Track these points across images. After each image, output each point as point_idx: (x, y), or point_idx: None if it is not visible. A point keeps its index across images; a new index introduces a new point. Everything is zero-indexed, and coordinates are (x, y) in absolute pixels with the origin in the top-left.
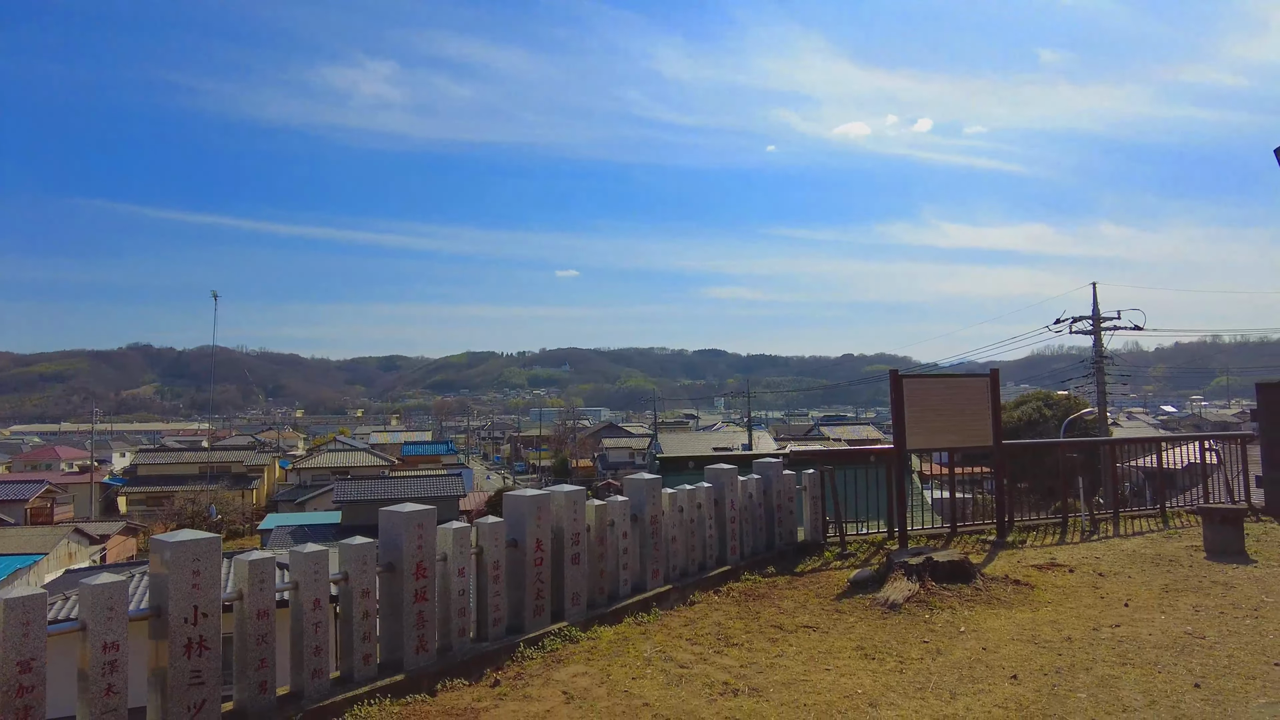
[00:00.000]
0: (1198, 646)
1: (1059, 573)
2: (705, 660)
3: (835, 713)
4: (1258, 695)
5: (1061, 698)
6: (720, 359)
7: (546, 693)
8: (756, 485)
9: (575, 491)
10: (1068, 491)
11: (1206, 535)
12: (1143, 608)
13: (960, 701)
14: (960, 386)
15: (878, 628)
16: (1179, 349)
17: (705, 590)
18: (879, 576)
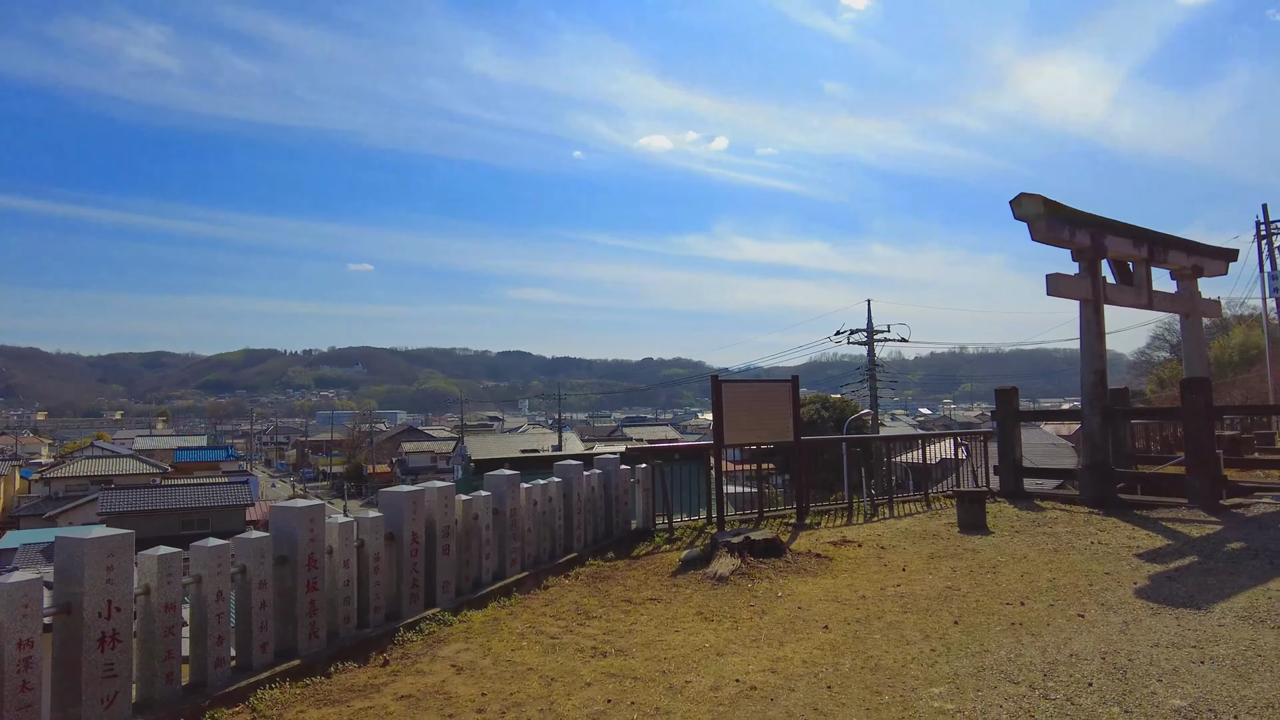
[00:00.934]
0: (955, 596)
1: (850, 547)
2: (571, 631)
3: (691, 662)
4: (997, 626)
5: (862, 638)
6: (525, 361)
7: (436, 667)
8: (598, 479)
9: (446, 487)
10: (853, 481)
11: (959, 514)
12: (916, 571)
13: (787, 647)
14: (767, 390)
15: (711, 597)
16: (934, 358)
17: (557, 575)
18: (706, 555)
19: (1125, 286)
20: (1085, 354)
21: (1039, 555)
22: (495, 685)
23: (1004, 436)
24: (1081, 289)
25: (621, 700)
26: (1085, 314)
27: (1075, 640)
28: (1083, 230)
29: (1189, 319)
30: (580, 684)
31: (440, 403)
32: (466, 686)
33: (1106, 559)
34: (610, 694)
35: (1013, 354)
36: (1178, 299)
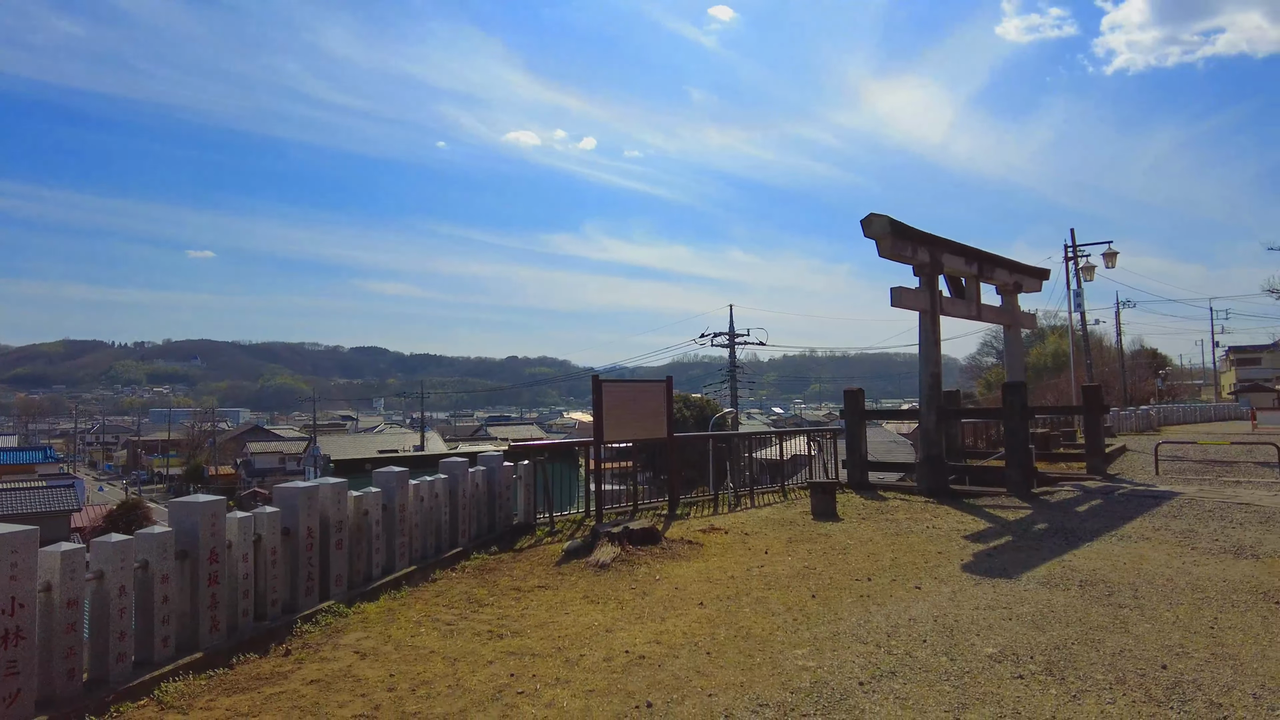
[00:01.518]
0: (812, 574)
1: (718, 534)
2: (466, 618)
3: (583, 639)
4: (848, 598)
5: (734, 612)
6: (381, 357)
7: (339, 654)
8: (482, 476)
9: (339, 483)
10: (718, 474)
11: (813, 503)
12: (777, 554)
13: (669, 622)
14: (644, 389)
15: (595, 582)
16: (787, 360)
17: (444, 568)
18: (588, 545)
19: (958, 299)
20: (923, 359)
21: (883, 538)
22: (401, 667)
23: (851, 433)
24: (921, 301)
25: (523, 674)
26: (924, 324)
27: (913, 608)
28: (923, 248)
29: (1010, 330)
30: (482, 662)
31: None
32: (373, 669)
33: (939, 540)
34: (512, 669)
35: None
36: (1001, 312)
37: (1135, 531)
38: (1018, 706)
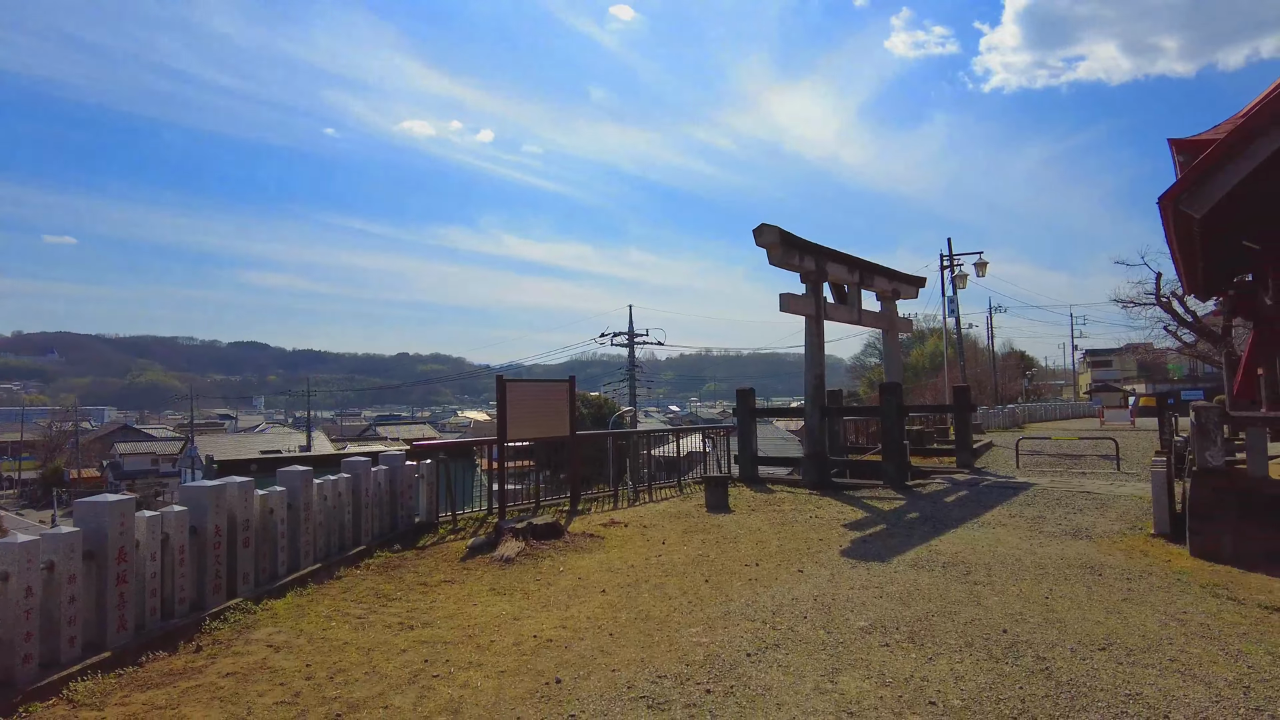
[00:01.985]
0: (705, 562)
1: (618, 528)
2: (376, 612)
3: (492, 627)
4: (738, 582)
5: (634, 597)
6: (261, 353)
7: (252, 648)
8: (385, 475)
9: (246, 483)
10: (618, 470)
11: (707, 496)
12: (674, 544)
13: (573, 609)
14: (546, 388)
15: (501, 575)
16: (683, 359)
17: (348, 566)
18: (492, 541)
19: (841, 305)
20: (808, 361)
21: (770, 528)
22: (316, 658)
23: (743, 431)
24: (807, 307)
25: (436, 660)
26: (809, 328)
27: (796, 589)
28: (810, 257)
29: (888, 334)
30: (396, 651)
31: (160, 398)
32: (289, 661)
33: (821, 529)
34: (425, 656)
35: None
36: (880, 316)
37: (994, 519)
38: (883, 669)
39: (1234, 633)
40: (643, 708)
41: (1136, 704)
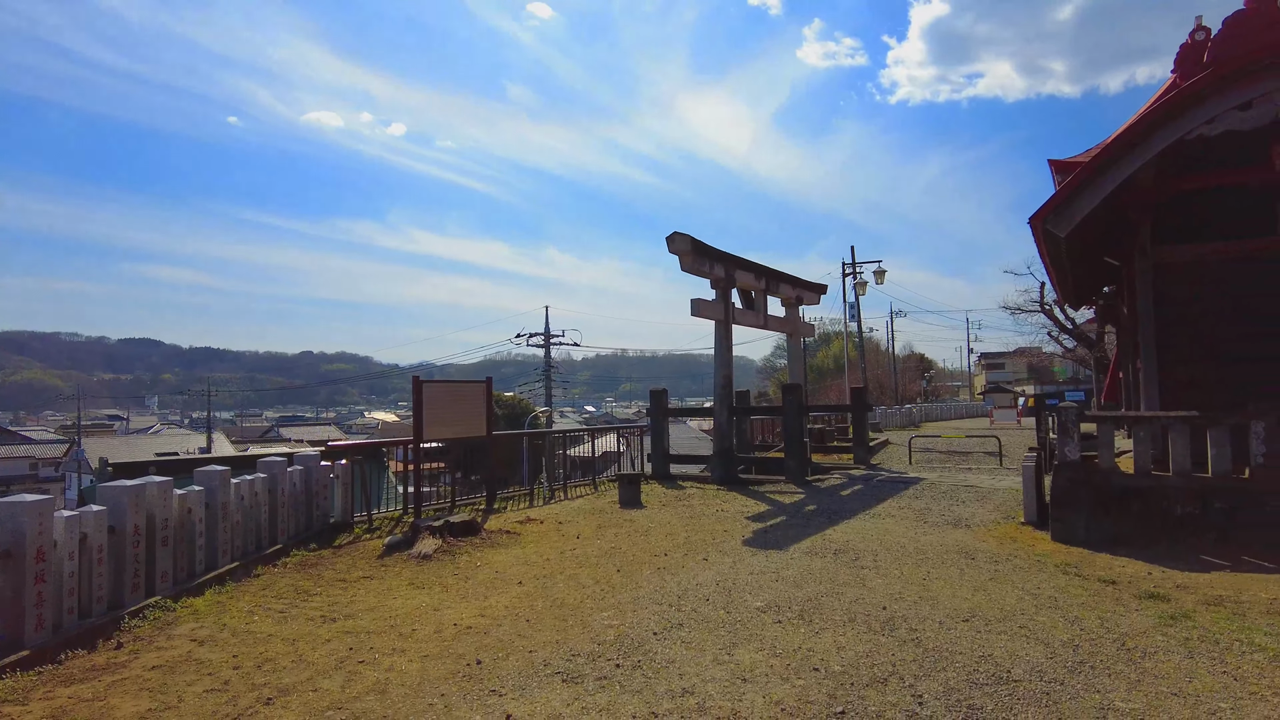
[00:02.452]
0: (617, 553)
1: (534, 524)
2: (297, 606)
3: (413, 617)
4: (648, 571)
5: (549, 588)
6: (154, 350)
7: (175, 643)
8: (300, 475)
9: (165, 482)
10: (534, 470)
11: (620, 493)
12: (588, 537)
13: (491, 599)
14: (463, 389)
15: (419, 571)
16: (599, 359)
17: (265, 564)
18: (409, 540)
19: (749, 310)
20: (718, 364)
21: (679, 521)
22: (242, 649)
23: (656, 430)
24: (717, 311)
25: (361, 648)
26: (719, 332)
27: (701, 575)
28: (719, 265)
29: (792, 338)
30: (321, 641)
31: (38, 398)
32: (215, 654)
33: (726, 521)
34: (350, 644)
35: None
36: (785, 321)
37: (885, 510)
38: (775, 642)
39: (1075, 603)
40: (558, 681)
41: (987, 663)
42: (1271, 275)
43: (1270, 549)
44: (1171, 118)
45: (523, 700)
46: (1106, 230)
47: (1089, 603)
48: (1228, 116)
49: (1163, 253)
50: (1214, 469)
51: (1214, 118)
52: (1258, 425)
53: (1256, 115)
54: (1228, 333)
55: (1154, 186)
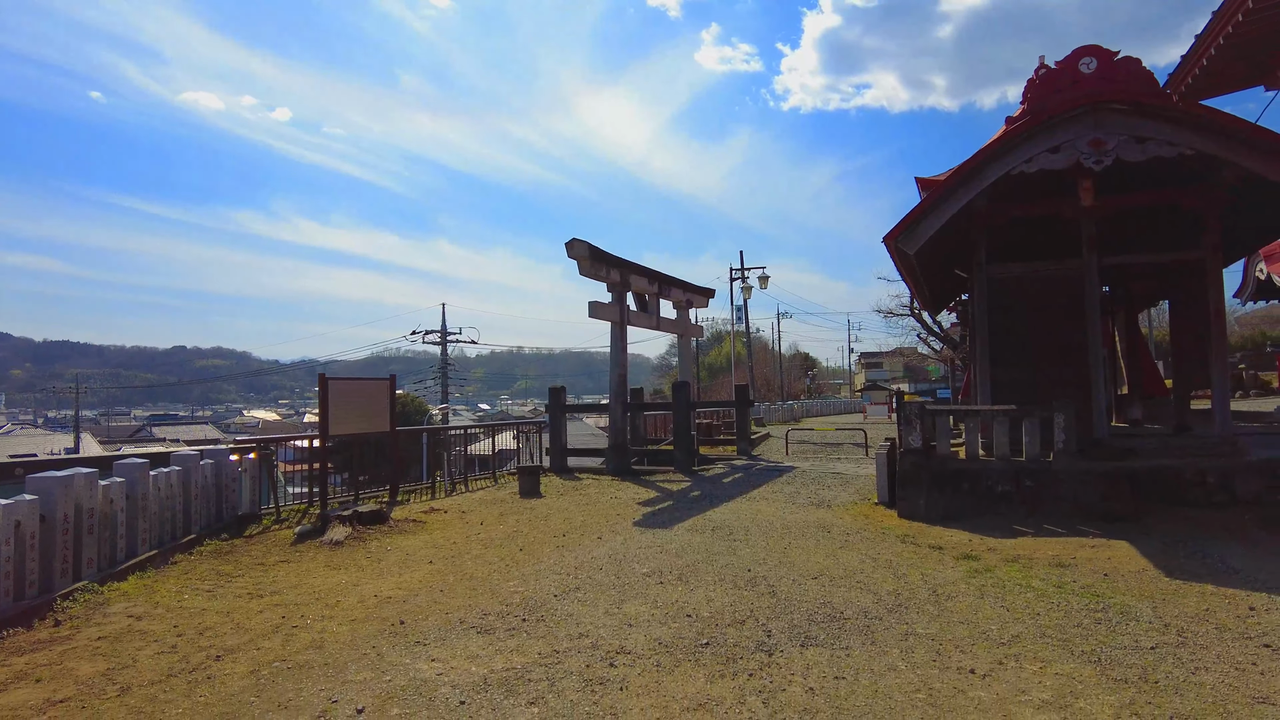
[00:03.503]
0: (519, 536)
1: (439, 514)
2: (223, 586)
3: (336, 592)
4: (548, 548)
5: (459, 564)
6: (3, 344)
7: (113, 620)
8: (211, 468)
9: (92, 473)
10: (434, 464)
11: (520, 484)
12: (491, 524)
13: (406, 576)
14: (367, 386)
15: (333, 555)
16: (494, 356)
17: (182, 552)
18: (319, 528)
19: (643, 313)
20: (613, 362)
21: (576, 508)
22: (181, 621)
23: (554, 426)
24: (612, 314)
25: (292, 615)
26: (614, 333)
27: (596, 550)
28: (615, 270)
29: (682, 338)
30: (254, 612)
31: None
32: (156, 625)
33: (619, 506)
34: (282, 614)
35: (564, 354)
36: (676, 323)
37: (760, 495)
38: (656, 599)
39: (905, 564)
40: (473, 633)
41: (826, 607)
42: (1078, 290)
43: (1064, 518)
44: (998, 156)
45: (444, 647)
46: (955, 247)
47: (916, 563)
48: (1041, 158)
49: (994, 269)
50: (1026, 454)
51: (1031, 158)
52: (1060, 417)
53: (1063, 157)
54: (1043, 340)
55: (987, 212)
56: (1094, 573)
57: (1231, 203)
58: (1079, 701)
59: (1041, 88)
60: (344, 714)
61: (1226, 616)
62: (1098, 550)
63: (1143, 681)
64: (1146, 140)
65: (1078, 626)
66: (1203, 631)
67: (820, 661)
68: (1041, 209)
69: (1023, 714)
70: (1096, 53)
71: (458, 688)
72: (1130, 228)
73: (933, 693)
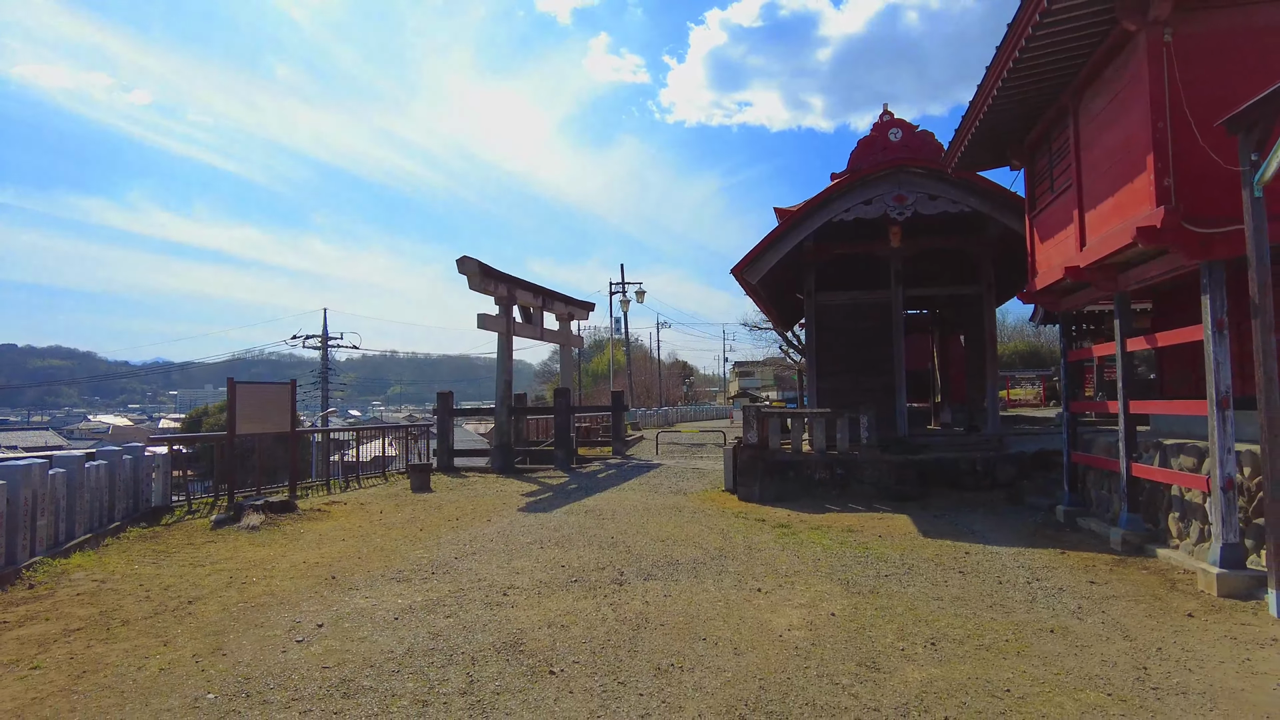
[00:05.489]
0: (418, 521)
1: (340, 505)
2: (165, 559)
3: (269, 561)
4: (444, 529)
5: (368, 541)
6: None
7: (81, 584)
8: (130, 463)
9: (43, 463)
10: (324, 464)
11: (412, 480)
12: (390, 512)
13: (325, 549)
14: (270, 390)
15: (253, 537)
16: (366, 360)
17: (110, 537)
18: (234, 517)
19: (528, 324)
20: (499, 370)
21: (466, 499)
22: (144, 582)
23: (442, 427)
24: (500, 325)
25: (239, 576)
26: (501, 343)
27: (486, 529)
28: (502, 285)
29: (564, 348)
30: (204, 575)
31: None
32: (123, 585)
33: (505, 498)
34: (229, 576)
35: (442, 359)
36: (558, 334)
37: (629, 486)
38: (538, 557)
39: (734, 531)
40: (394, 582)
41: (666, 559)
42: (888, 316)
43: (866, 499)
44: (823, 206)
45: (373, 591)
46: (794, 277)
47: (742, 530)
48: (857, 208)
49: (822, 297)
50: (839, 448)
51: (849, 209)
52: (864, 418)
53: (875, 209)
54: (859, 355)
55: (815, 251)
56: (872, 534)
57: (1002, 249)
58: (824, 603)
59: (859, 152)
60: (309, 626)
61: (947, 559)
62: (883, 520)
63: (870, 593)
64: (937, 198)
65: (843, 566)
66: (925, 567)
67: (656, 589)
68: (859, 249)
69: (785, 609)
70: (902, 125)
71: (390, 611)
72: (931, 266)
73: (729, 602)
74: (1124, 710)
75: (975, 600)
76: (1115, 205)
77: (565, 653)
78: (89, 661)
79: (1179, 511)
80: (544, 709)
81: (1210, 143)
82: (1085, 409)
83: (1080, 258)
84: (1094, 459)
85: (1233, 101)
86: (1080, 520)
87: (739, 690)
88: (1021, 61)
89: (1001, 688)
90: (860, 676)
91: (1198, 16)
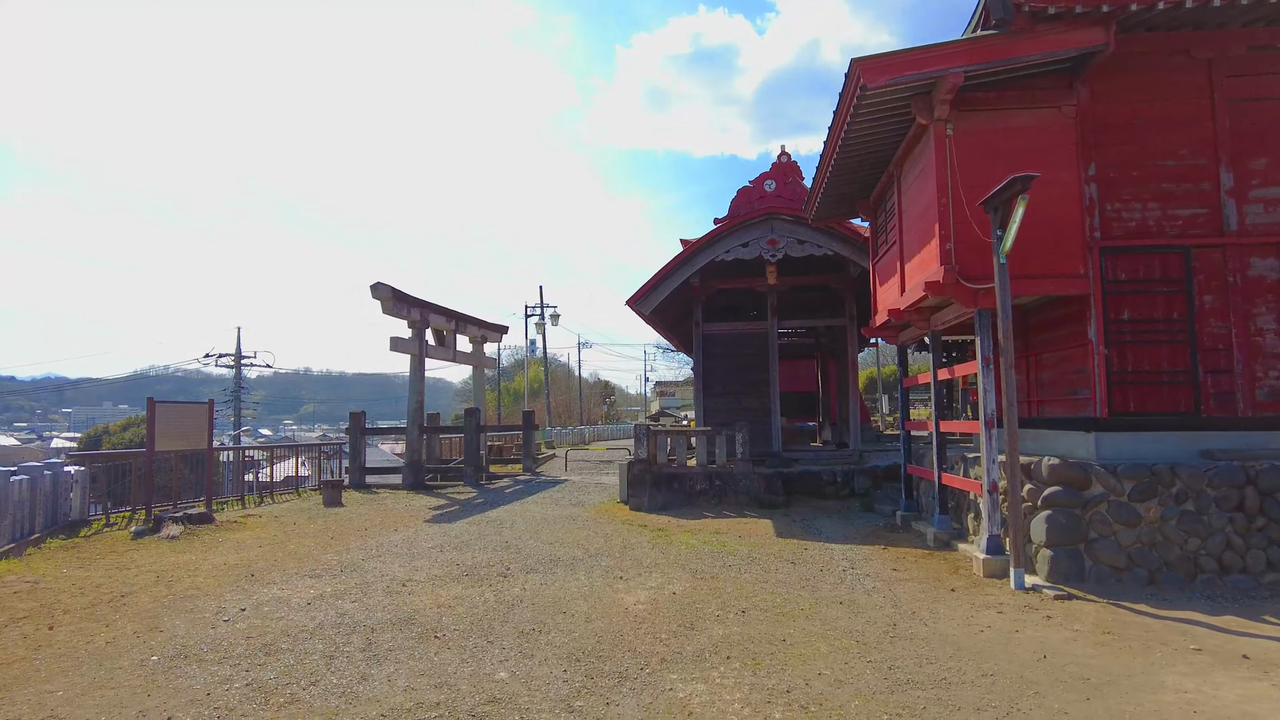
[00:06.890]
0: (329, 531)
1: (255, 518)
2: (91, 564)
3: (191, 564)
4: (353, 537)
5: (284, 547)
6: None
7: (12, 584)
8: (50, 479)
9: None
10: (237, 480)
11: (324, 495)
12: (303, 524)
13: (243, 554)
14: (188, 410)
15: (174, 546)
16: (278, 378)
17: (32, 547)
18: (154, 528)
19: (441, 347)
20: (411, 390)
21: (376, 513)
22: (75, 582)
23: (354, 446)
24: (412, 348)
25: (165, 576)
26: (413, 365)
27: (393, 537)
28: (415, 309)
29: (477, 369)
30: (131, 577)
31: None
32: (55, 584)
33: (414, 511)
34: (156, 576)
35: (357, 377)
36: (471, 356)
37: (533, 500)
38: (437, 559)
39: (616, 535)
40: (307, 578)
41: (550, 558)
42: (765, 344)
43: (740, 506)
44: (707, 247)
45: (288, 585)
46: (685, 308)
47: (623, 534)
48: (736, 250)
49: (708, 327)
50: (718, 461)
51: (729, 250)
52: (740, 434)
53: (751, 250)
54: (741, 379)
55: (701, 286)
56: (735, 536)
57: (862, 285)
58: (670, 585)
59: (739, 200)
60: (233, 610)
61: (788, 553)
62: (748, 524)
63: (712, 578)
64: (804, 242)
65: (698, 559)
66: (766, 559)
67: (535, 580)
68: (740, 283)
69: (638, 591)
70: (777, 176)
71: (304, 598)
72: (809, 298)
73: (593, 588)
74: (861, 650)
75: (795, 583)
76: (920, 261)
77: (449, 624)
78: (41, 639)
79: (974, 512)
80: (426, 659)
81: (976, 218)
82: (915, 428)
83: (901, 301)
84: (922, 470)
85: (992, 185)
86: (914, 523)
87: (582, 644)
88: (849, 140)
89: (780, 639)
90: (678, 633)
91: (970, 116)
